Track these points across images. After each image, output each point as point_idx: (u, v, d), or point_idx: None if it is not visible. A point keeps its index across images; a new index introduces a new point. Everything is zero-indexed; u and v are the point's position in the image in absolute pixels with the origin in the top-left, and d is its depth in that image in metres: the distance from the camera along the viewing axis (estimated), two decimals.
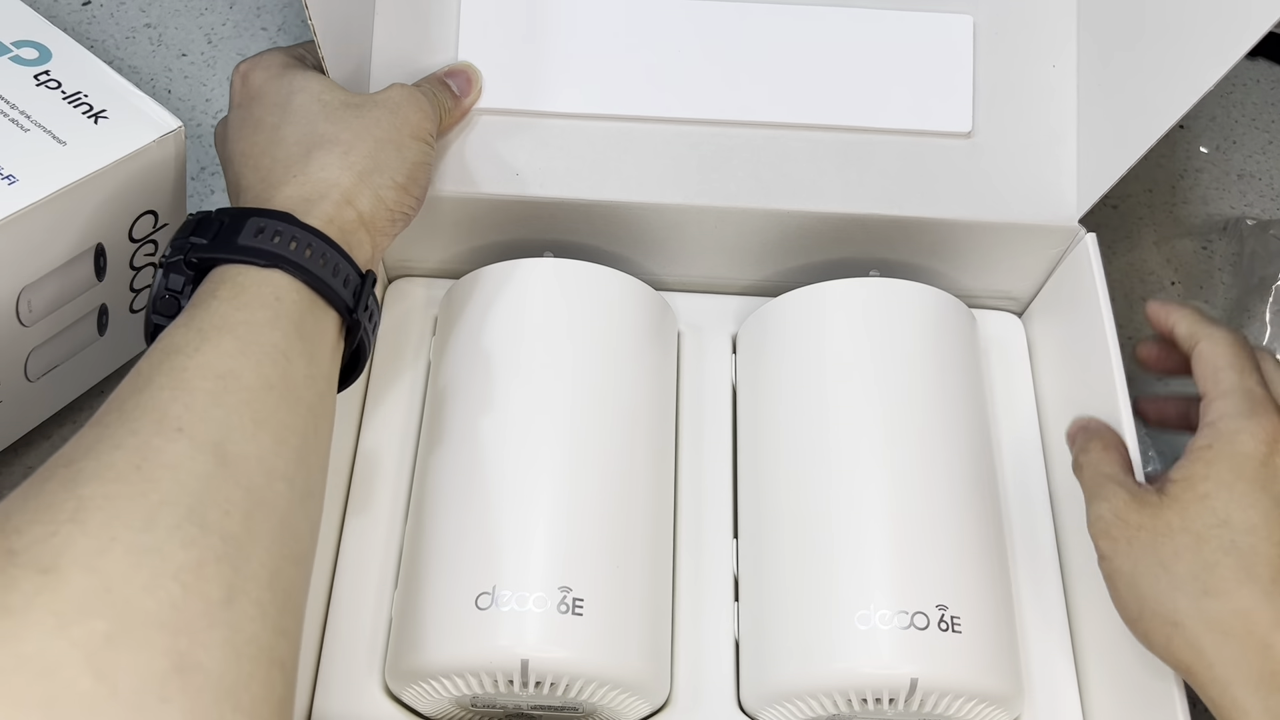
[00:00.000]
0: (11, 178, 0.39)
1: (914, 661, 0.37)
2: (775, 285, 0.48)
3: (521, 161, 0.46)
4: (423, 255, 0.50)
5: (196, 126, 0.58)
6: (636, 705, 0.39)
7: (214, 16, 0.63)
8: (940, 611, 0.37)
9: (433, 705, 0.39)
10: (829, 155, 0.46)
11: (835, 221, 0.46)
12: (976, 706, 0.38)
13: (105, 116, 0.42)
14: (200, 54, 0.61)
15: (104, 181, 0.41)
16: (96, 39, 0.61)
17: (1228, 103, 0.64)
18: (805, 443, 0.42)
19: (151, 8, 0.62)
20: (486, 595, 0.37)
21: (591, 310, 0.44)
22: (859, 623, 0.37)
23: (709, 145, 0.46)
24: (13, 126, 0.41)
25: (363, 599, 0.42)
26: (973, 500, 0.41)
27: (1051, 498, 0.46)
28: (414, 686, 0.38)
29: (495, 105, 0.46)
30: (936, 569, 0.38)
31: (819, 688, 0.37)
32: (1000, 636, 0.39)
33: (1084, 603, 0.43)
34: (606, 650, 0.37)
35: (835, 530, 0.40)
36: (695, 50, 0.46)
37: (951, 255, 0.48)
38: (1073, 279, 0.47)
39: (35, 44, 0.44)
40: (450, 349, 0.44)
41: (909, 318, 0.44)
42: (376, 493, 0.45)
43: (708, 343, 0.49)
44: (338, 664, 0.41)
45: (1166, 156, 0.61)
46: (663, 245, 0.48)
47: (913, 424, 0.41)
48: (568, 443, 0.40)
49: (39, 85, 0.42)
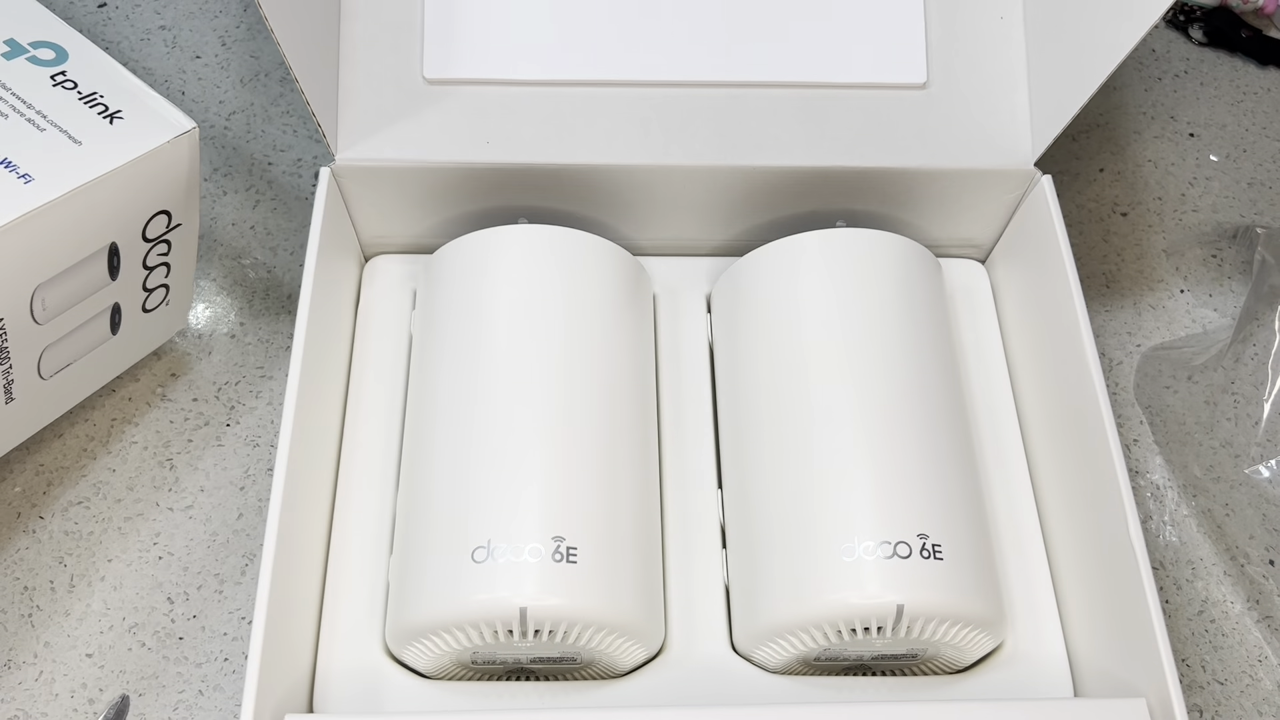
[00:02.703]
0: (28, 176, 0.40)
1: (898, 589, 0.38)
2: (745, 244, 0.49)
3: (491, 130, 0.47)
4: (398, 230, 0.50)
5: (210, 128, 0.59)
6: (633, 650, 0.40)
7: (228, 19, 0.63)
8: (921, 540, 0.38)
9: (433, 663, 0.40)
10: (789, 112, 0.48)
11: (799, 175, 0.48)
12: (961, 630, 0.39)
13: (120, 117, 0.42)
14: (214, 56, 0.62)
15: (119, 181, 0.41)
16: (112, 40, 0.62)
17: (1238, 111, 0.64)
18: (782, 389, 0.43)
19: (166, 10, 0.63)
20: (482, 549, 0.38)
21: (567, 272, 0.45)
22: (843, 555, 0.38)
23: (673, 107, 0.48)
24: (29, 126, 0.41)
25: (359, 566, 0.43)
26: (947, 435, 0.42)
27: (1023, 434, 0.48)
28: (415, 644, 0.39)
29: (462, 76, 0.47)
30: (915, 500, 0.39)
31: (809, 621, 0.38)
32: (980, 563, 0.40)
33: (1059, 535, 0.44)
34: (602, 595, 0.38)
35: (815, 470, 0.41)
36: (656, 15, 0.48)
37: (914, 204, 0.50)
38: (1032, 222, 0.48)
39: (52, 44, 0.44)
40: (431, 318, 0.45)
41: (876, 264, 0.45)
42: (365, 463, 0.45)
43: (682, 303, 0.50)
44: (338, 629, 0.41)
45: (1176, 164, 0.61)
46: (633, 208, 0.49)
47: (885, 365, 0.43)
48: (553, 400, 0.41)
49: (55, 85, 0.43)
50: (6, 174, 0.40)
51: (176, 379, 0.51)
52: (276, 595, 0.38)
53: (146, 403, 0.50)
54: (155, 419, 0.50)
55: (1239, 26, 0.66)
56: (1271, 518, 0.48)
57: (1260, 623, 0.47)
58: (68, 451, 0.49)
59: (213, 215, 0.56)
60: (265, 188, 0.57)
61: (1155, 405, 0.53)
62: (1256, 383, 0.50)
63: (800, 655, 0.40)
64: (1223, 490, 0.49)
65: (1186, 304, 0.56)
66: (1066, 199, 0.59)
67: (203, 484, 0.48)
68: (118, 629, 0.45)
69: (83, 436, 0.49)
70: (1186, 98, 0.64)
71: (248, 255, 0.55)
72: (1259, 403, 0.50)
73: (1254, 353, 0.51)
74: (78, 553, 0.46)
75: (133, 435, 0.49)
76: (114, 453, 0.49)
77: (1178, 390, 0.52)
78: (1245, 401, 0.50)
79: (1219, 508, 0.49)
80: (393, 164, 0.47)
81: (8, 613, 0.45)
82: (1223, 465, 0.49)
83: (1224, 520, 0.49)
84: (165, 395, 0.51)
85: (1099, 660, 0.41)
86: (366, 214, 0.49)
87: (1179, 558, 0.49)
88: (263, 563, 0.38)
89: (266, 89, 0.61)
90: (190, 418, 0.50)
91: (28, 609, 0.45)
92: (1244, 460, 0.49)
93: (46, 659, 0.44)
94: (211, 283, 0.54)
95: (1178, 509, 0.50)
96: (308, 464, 0.42)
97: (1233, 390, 0.50)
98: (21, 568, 0.46)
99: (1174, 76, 0.65)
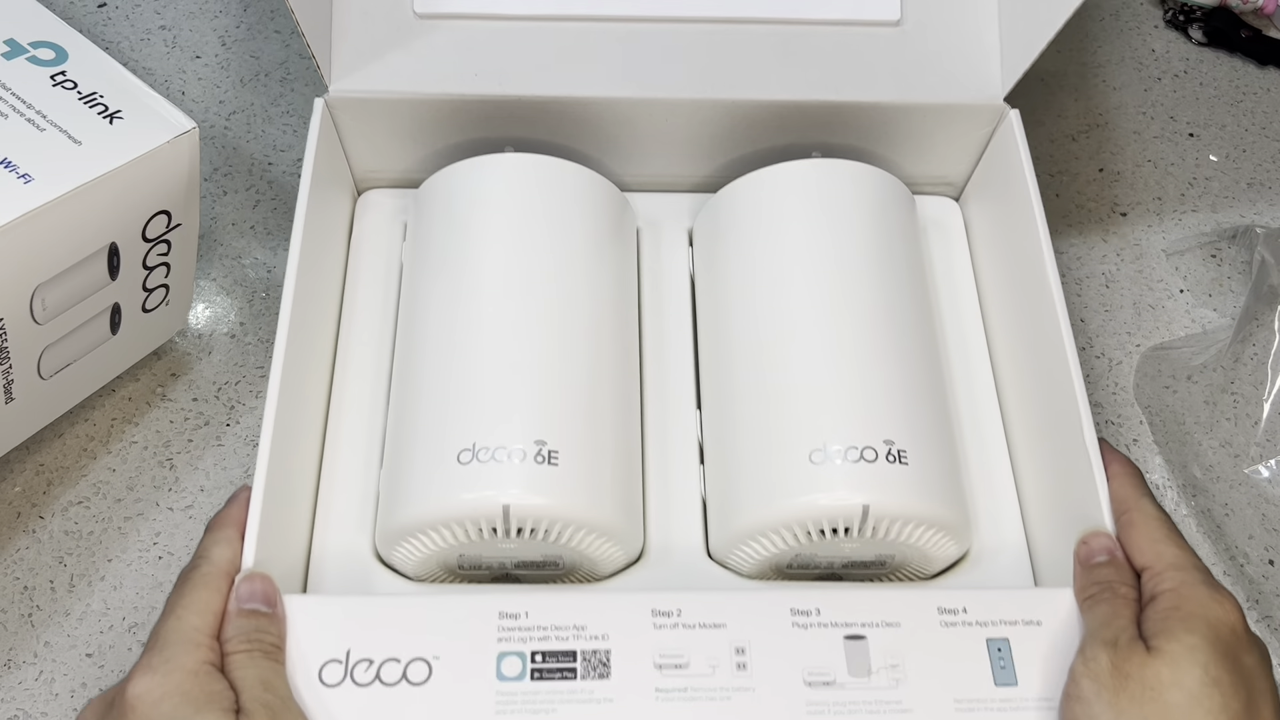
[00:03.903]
0: (28, 176, 0.40)
1: (864, 490, 0.39)
2: (725, 180, 0.50)
3: (479, 63, 0.49)
4: (389, 163, 0.52)
5: (210, 128, 0.59)
6: (613, 553, 0.41)
7: (228, 19, 0.63)
8: (888, 445, 0.40)
9: (420, 565, 0.41)
10: (768, 47, 0.50)
11: (777, 109, 0.49)
12: (926, 533, 0.40)
13: (120, 117, 0.42)
14: (214, 56, 0.62)
15: (118, 181, 0.41)
16: (112, 40, 0.62)
17: (1238, 111, 0.64)
18: (758, 310, 0.45)
19: (166, 10, 0.63)
20: (467, 451, 0.39)
21: (552, 197, 0.46)
22: (813, 459, 0.40)
23: (657, 42, 0.49)
24: (29, 126, 0.41)
25: (349, 476, 0.44)
26: (915, 351, 0.44)
27: (990, 352, 0.50)
28: (403, 545, 0.40)
29: (452, 10, 0.49)
30: (882, 409, 0.41)
31: (779, 522, 0.40)
32: (944, 470, 0.42)
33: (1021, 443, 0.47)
34: (581, 495, 0.40)
35: (788, 383, 0.42)
36: None
37: (888, 139, 0.51)
38: (1001, 157, 0.50)
39: (52, 45, 0.44)
40: (421, 242, 0.47)
41: (849, 192, 0.47)
42: (357, 387, 0.47)
43: (665, 237, 0.52)
44: (330, 536, 0.43)
45: (1176, 164, 0.61)
46: (617, 142, 0.51)
47: (856, 286, 0.44)
48: (537, 314, 0.43)
49: (55, 85, 0.43)
50: (6, 174, 0.40)
51: (176, 379, 0.51)
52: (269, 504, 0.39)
53: (146, 403, 0.50)
54: (155, 419, 0.50)
55: (1239, 26, 0.66)
56: (1271, 518, 0.48)
57: (1260, 623, 0.47)
58: (68, 451, 0.49)
59: (213, 215, 0.56)
60: (265, 188, 0.57)
61: (1155, 405, 0.53)
62: (1256, 383, 0.50)
63: (773, 559, 0.42)
64: (1222, 490, 0.49)
65: (1186, 304, 0.56)
66: (1066, 199, 0.60)
67: (203, 484, 0.48)
68: (118, 629, 0.45)
69: (83, 436, 0.49)
70: (1186, 98, 0.64)
71: (248, 255, 0.55)
72: (1259, 403, 0.50)
73: (1254, 353, 0.51)
74: (78, 553, 0.46)
75: (133, 435, 0.49)
76: (114, 453, 0.49)
77: (1177, 390, 0.52)
78: (1245, 401, 0.50)
79: (1218, 508, 0.49)
80: (384, 95, 0.48)
81: (8, 613, 0.45)
82: (1222, 465, 0.49)
83: (1223, 520, 0.49)
84: (165, 395, 0.51)
85: (1058, 552, 0.43)
86: (359, 146, 0.50)
87: None
88: (256, 474, 0.38)
89: (266, 89, 0.61)
90: (190, 418, 0.50)
91: (28, 609, 0.45)
92: (1243, 460, 0.49)
93: (46, 659, 0.44)
94: (211, 283, 0.54)
95: (1177, 509, 0.50)
96: (300, 385, 0.43)
97: (1232, 390, 0.50)
98: (21, 568, 0.46)
99: (1174, 76, 0.65)
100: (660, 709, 0.36)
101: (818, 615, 0.38)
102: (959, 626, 0.38)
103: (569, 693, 0.36)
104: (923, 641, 0.37)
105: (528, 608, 0.37)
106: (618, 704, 0.36)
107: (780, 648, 0.37)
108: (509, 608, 0.37)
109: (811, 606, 0.38)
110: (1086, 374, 0.54)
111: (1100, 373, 0.54)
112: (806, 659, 0.37)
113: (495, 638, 0.36)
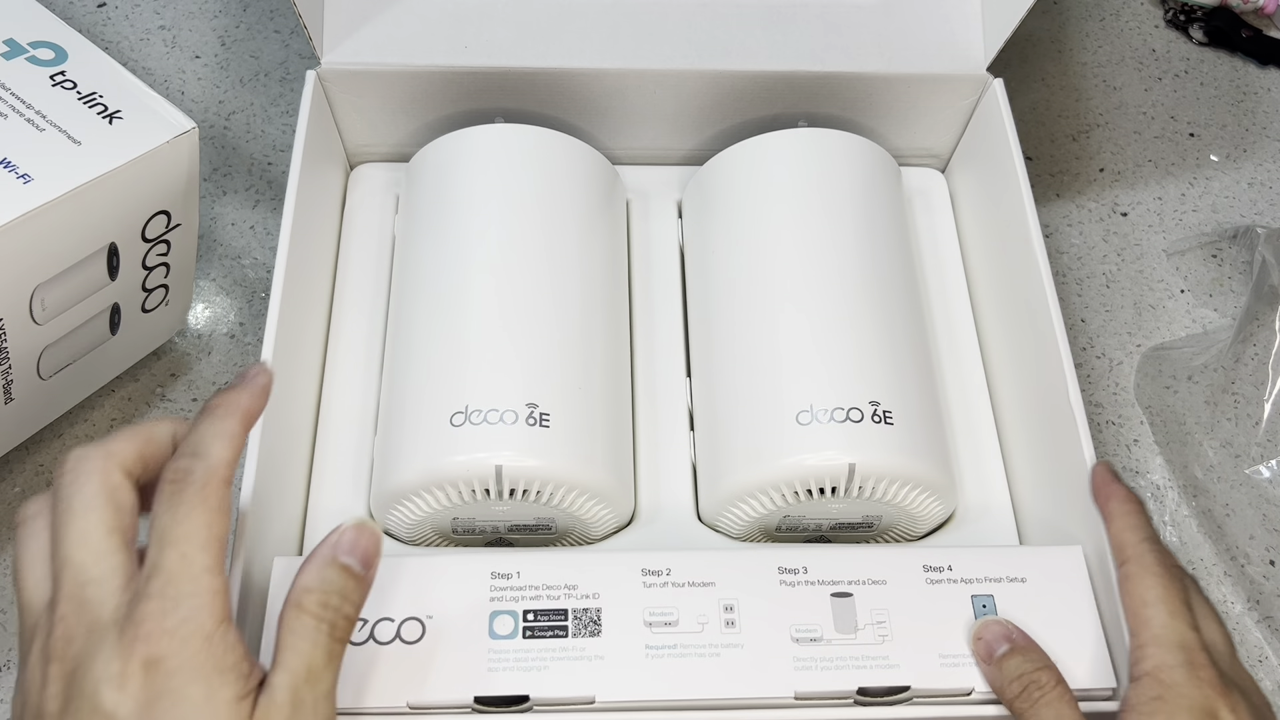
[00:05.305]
0: (27, 176, 0.40)
1: (850, 450, 0.40)
2: (713, 152, 0.50)
3: (469, 35, 0.49)
4: (381, 137, 0.52)
5: (209, 128, 0.59)
6: (604, 516, 0.42)
7: (228, 19, 0.63)
8: (873, 406, 0.41)
9: (415, 528, 0.42)
10: (755, 19, 0.50)
11: (764, 80, 0.50)
12: (911, 492, 0.41)
13: (120, 117, 0.42)
14: (214, 56, 0.62)
15: (118, 181, 0.41)
16: (112, 40, 0.62)
17: (1239, 111, 0.64)
18: (747, 277, 0.45)
19: (166, 10, 0.63)
20: (460, 414, 0.40)
21: (542, 166, 0.47)
22: (800, 420, 0.41)
23: (645, 14, 0.50)
24: (28, 126, 0.41)
25: (344, 441, 0.45)
26: (901, 315, 0.44)
27: (975, 317, 0.50)
28: (397, 507, 0.41)
29: None
30: (868, 370, 0.42)
31: (767, 483, 0.41)
32: (929, 430, 0.42)
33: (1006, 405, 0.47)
34: (573, 457, 0.40)
35: (776, 346, 0.43)
36: None
37: (874, 110, 0.52)
38: (985, 127, 0.51)
39: (51, 45, 0.44)
40: (413, 212, 0.47)
41: (835, 160, 0.48)
42: (351, 350, 0.47)
43: (653, 208, 0.52)
44: (325, 499, 0.44)
45: (1176, 164, 0.61)
46: (607, 114, 0.51)
47: (844, 252, 0.45)
48: (527, 280, 0.43)
49: (55, 85, 0.43)
50: (6, 174, 0.40)
51: (176, 379, 0.51)
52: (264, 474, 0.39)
53: (146, 403, 0.50)
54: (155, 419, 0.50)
55: (1239, 26, 0.66)
56: (1272, 518, 0.48)
57: (1261, 623, 0.47)
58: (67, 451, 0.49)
59: (213, 215, 0.56)
60: (265, 188, 0.57)
61: (1155, 405, 0.53)
62: (1257, 383, 0.50)
63: (761, 521, 0.43)
64: (1223, 490, 0.49)
65: (1186, 304, 0.56)
66: (1066, 199, 0.59)
67: None
68: None
69: (82, 437, 0.49)
70: (1186, 98, 0.64)
71: (248, 255, 0.55)
72: (1259, 403, 0.50)
73: (1254, 353, 0.51)
74: None
75: None
76: None
77: (1178, 390, 0.52)
78: (1245, 401, 0.50)
79: (1219, 508, 0.49)
80: (375, 67, 0.49)
81: (8, 613, 0.45)
82: (1223, 465, 0.49)
83: (1224, 520, 0.49)
84: (165, 395, 0.51)
85: (1042, 512, 0.43)
86: (351, 119, 0.51)
87: (1180, 558, 0.49)
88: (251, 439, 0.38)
89: (266, 89, 0.61)
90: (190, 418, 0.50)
91: None
92: (1244, 460, 0.49)
93: None
94: (211, 283, 0.54)
95: (1178, 509, 0.50)
96: (295, 352, 0.43)
97: (1233, 390, 0.50)
98: None
99: (1174, 76, 0.65)
100: (650, 665, 0.36)
101: (805, 574, 0.38)
102: (944, 584, 0.38)
103: (560, 650, 0.36)
104: (908, 598, 0.38)
105: (519, 567, 0.37)
106: (608, 660, 0.36)
107: (768, 605, 0.37)
108: (501, 567, 0.37)
109: (799, 565, 0.38)
110: (1087, 374, 0.54)
111: (1101, 373, 0.54)
112: (794, 616, 0.37)
113: (488, 597, 0.37)
